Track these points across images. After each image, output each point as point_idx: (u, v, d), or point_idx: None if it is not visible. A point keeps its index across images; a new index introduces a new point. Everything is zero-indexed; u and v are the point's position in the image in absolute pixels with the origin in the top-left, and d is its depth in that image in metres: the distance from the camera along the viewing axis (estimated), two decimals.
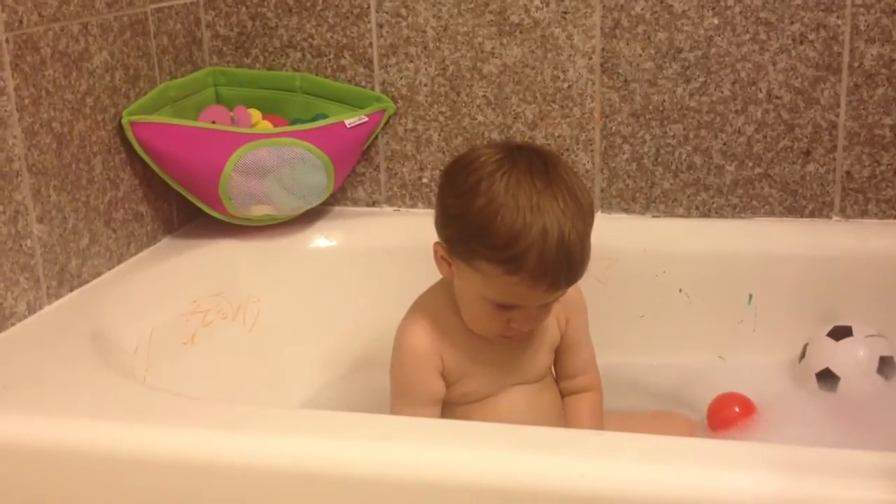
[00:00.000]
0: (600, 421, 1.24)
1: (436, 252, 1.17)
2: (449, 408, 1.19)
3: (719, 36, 1.45)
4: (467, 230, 1.09)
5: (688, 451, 0.91)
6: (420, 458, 0.92)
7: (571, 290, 1.22)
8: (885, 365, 1.32)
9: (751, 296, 1.46)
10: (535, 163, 1.09)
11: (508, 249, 1.06)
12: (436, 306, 1.19)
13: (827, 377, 1.34)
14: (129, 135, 1.39)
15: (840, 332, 1.35)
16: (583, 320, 1.25)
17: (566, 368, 1.25)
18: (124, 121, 1.38)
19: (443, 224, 1.14)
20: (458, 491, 0.90)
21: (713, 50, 1.45)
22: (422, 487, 0.91)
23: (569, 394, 1.26)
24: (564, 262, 1.07)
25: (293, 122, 1.53)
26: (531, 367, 1.22)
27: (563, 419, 1.24)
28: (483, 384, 1.18)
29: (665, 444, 0.93)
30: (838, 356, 1.34)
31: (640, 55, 1.47)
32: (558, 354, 1.25)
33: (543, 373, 1.24)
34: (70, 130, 1.29)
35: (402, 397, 1.18)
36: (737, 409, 1.28)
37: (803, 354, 1.39)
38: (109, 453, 0.98)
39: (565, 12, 1.48)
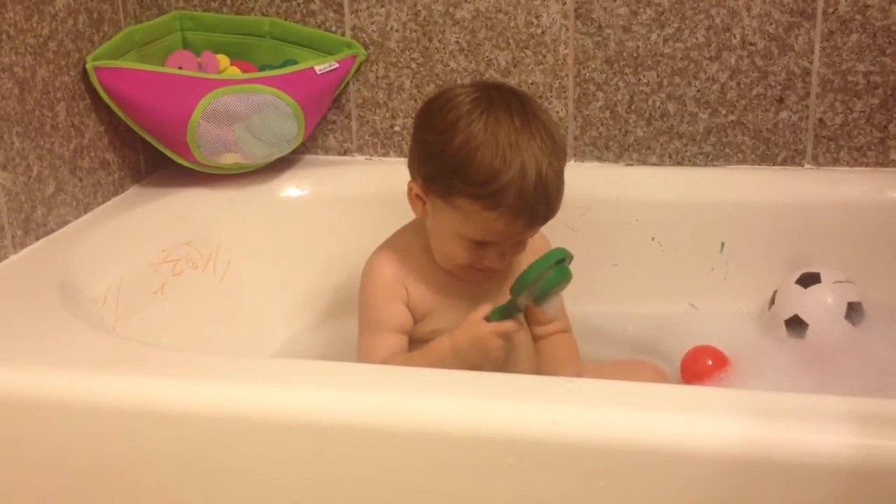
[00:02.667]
0: (578, 359, 1.26)
1: (410, 190, 1.17)
2: (421, 347, 1.19)
3: None
4: (446, 167, 1.10)
5: (659, 397, 0.92)
6: (392, 407, 0.92)
7: (541, 240, 1.23)
8: (853, 311, 1.33)
9: (723, 244, 1.47)
10: (512, 101, 1.11)
11: (488, 186, 1.07)
12: (405, 243, 1.21)
13: (796, 324, 1.35)
14: (94, 80, 1.36)
15: (809, 279, 1.36)
16: None
17: (539, 315, 1.26)
18: (89, 66, 1.35)
19: (420, 162, 1.15)
20: (429, 439, 0.90)
21: None
22: (394, 436, 0.91)
23: (543, 337, 1.27)
24: (542, 198, 1.09)
25: (262, 69, 1.51)
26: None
27: (536, 359, 1.25)
28: (452, 321, 1.18)
29: (637, 390, 0.93)
30: (807, 303, 1.35)
31: (615, 0, 1.46)
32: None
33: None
34: (32, 76, 1.26)
35: (368, 326, 1.19)
36: (710, 362, 1.29)
37: (772, 301, 1.40)
38: (78, 403, 0.97)
39: None
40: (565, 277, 1.10)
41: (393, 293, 1.18)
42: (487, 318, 1.11)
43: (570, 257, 1.12)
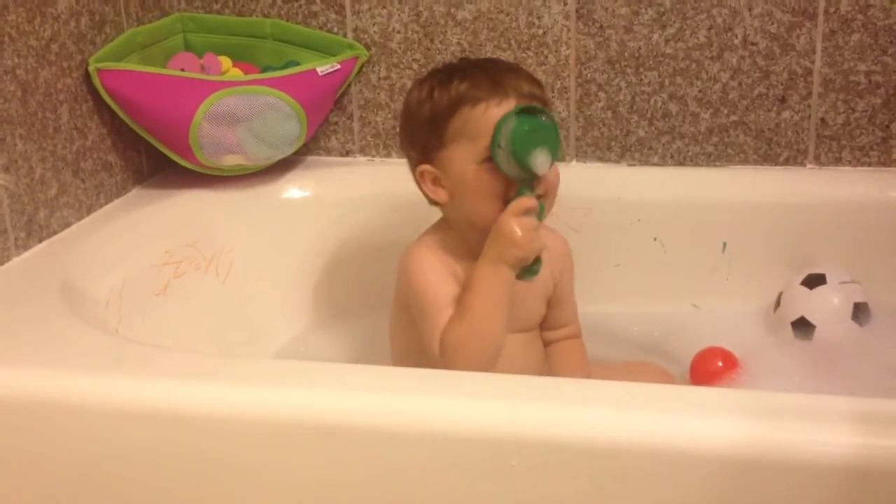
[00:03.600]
0: (587, 365, 1.26)
1: (423, 179, 1.16)
2: None
3: None
4: (428, 120, 1.14)
5: (662, 399, 0.91)
6: (395, 408, 0.92)
7: (563, 245, 1.24)
8: (859, 311, 1.33)
9: (725, 244, 1.47)
10: (454, 63, 1.20)
11: (460, 93, 1.12)
12: (436, 237, 1.19)
13: (802, 325, 1.35)
14: (97, 82, 1.36)
15: (814, 280, 1.36)
16: (572, 273, 1.27)
17: (555, 319, 1.26)
18: (91, 68, 1.35)
19: (411, 144, 1.18)
20: (432, 440, 0.90)
21: None
22: (397, 437, 0.91)
23: (553, 342, 1.27)
24: (512, 72, 1.14)
25: (264, 70, 1.51)
26: (528, 315, 1.22)
27: (546, 365, 1.26)
28: None
29: (640, 392, 0.93)
30: (813, 304, 1.34)
31: (616, 0, 1.46)
32: (549, 305, 1.25)
33: (537, 321, 1.25)
34: (35, 78, 1.27)
35: (431, 307, 1.13)
36: (720, 364, 1.29)
37: (778, 303, 1.40)
38: (81, 405, 0.97)
39: None
40: (532, 125, 1.07)
41: (445, 271, 1.15)
42: None
43: (541, 111, 1.09)
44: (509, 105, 1.10)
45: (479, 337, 1.09)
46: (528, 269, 1.10)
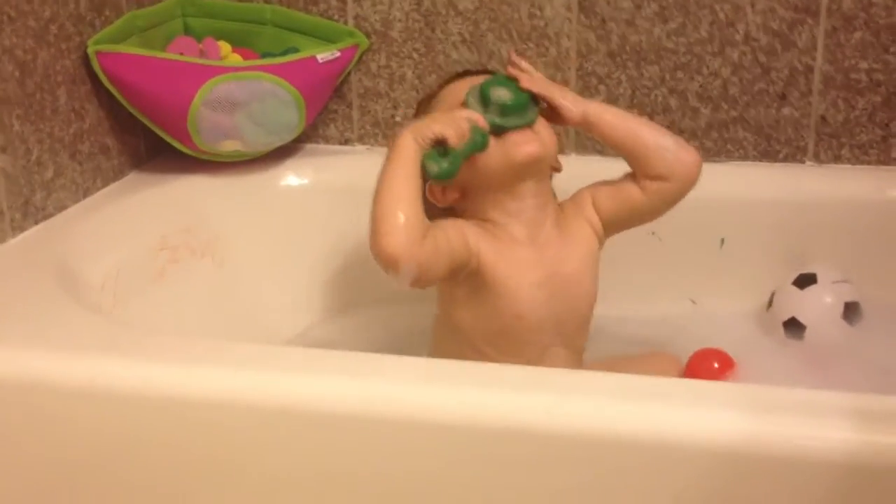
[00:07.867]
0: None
1: (433, 195, 1.18)
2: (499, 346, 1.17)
3: None
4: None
5: (658, 391, 0.91)
6: (392, 396, 0.92)
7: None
8: (849, 311, 1.33)
9: (723, 240, 1.47)
10: None
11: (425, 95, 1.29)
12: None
13: (793, 326, 1.35)
14: (95, 65, 1.36)
15: (805, 280, 1.36)
16: (596, 184, 1.26)
17: (644, 170, 1.23)
18: (90, 50, 1.35)
19: None
20: (430, 428, 0.90)
21: None
22: (394, 425, 0.91)
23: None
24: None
25: (264, 56, 1.50)
26: (574, 295, 1.21)
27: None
28: (528, 298, 1.16)
29: (636, 384, 0.93)
30: (804, 304, 1.34)
31: None
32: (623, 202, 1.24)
33: (586, 312, 1.22)
34: (33, 59, 1.26)
35: None
36: (716, 365, 1.28)
37: (770, 303, 1.40)
38: (75, 387, 0.97)
39: None
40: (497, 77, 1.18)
41: (458, 223, 1.16)
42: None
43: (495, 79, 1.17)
44: (473, 81, 1.17)
45: (375, 202, 1.11)
46: (435, 157, 1.10)
